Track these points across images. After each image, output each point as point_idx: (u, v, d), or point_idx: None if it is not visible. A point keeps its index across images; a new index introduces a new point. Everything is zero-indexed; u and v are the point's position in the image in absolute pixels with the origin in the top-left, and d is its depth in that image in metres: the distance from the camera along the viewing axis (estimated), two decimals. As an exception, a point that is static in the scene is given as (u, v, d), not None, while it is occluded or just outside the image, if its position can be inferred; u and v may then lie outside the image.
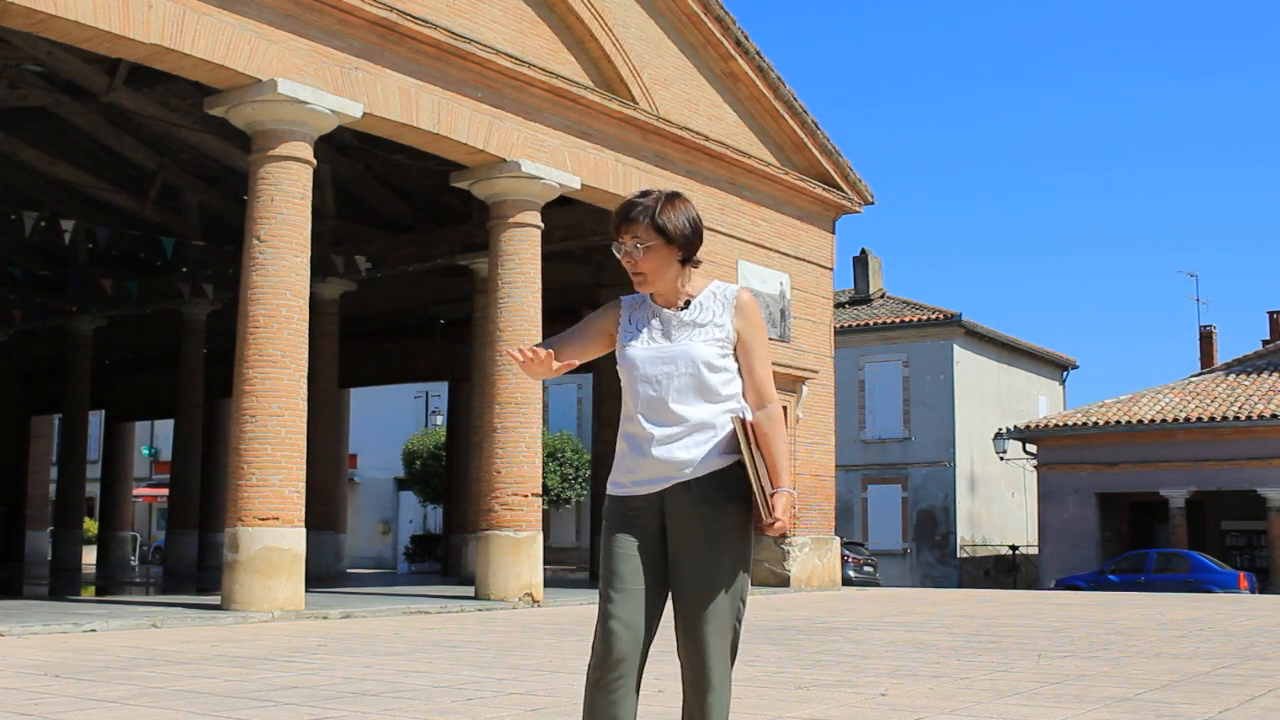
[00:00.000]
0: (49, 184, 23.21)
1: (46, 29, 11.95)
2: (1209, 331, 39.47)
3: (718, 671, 3.29)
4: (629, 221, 3.40)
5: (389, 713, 5.81)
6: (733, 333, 3.39)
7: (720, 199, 19.79)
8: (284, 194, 13.35)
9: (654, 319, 3.44)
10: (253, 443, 12.95)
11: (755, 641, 10.09)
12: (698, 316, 3.40)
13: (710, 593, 3.28)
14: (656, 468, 3.31)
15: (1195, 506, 30.42)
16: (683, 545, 3.31)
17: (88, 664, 8.01)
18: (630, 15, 18.19)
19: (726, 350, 3.38)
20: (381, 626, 11.85)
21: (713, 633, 3.28)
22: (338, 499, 24.61)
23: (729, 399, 3.35)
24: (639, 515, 3.35)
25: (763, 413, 3.38)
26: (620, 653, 3.27)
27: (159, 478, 45.75)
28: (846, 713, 5.87)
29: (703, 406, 3.31)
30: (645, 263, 3.40)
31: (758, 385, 3.40)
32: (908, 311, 35.90)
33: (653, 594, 3.32)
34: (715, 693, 3.30)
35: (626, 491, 3.37)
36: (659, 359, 3.35)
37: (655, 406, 3.33)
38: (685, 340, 3.37)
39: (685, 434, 3.30)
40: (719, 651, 3.29)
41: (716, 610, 3.29)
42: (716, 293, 3.47)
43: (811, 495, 21.44)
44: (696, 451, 3.28)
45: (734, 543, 3.32)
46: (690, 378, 3.32)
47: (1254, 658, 8.84)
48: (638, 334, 3.43)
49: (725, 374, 3.36)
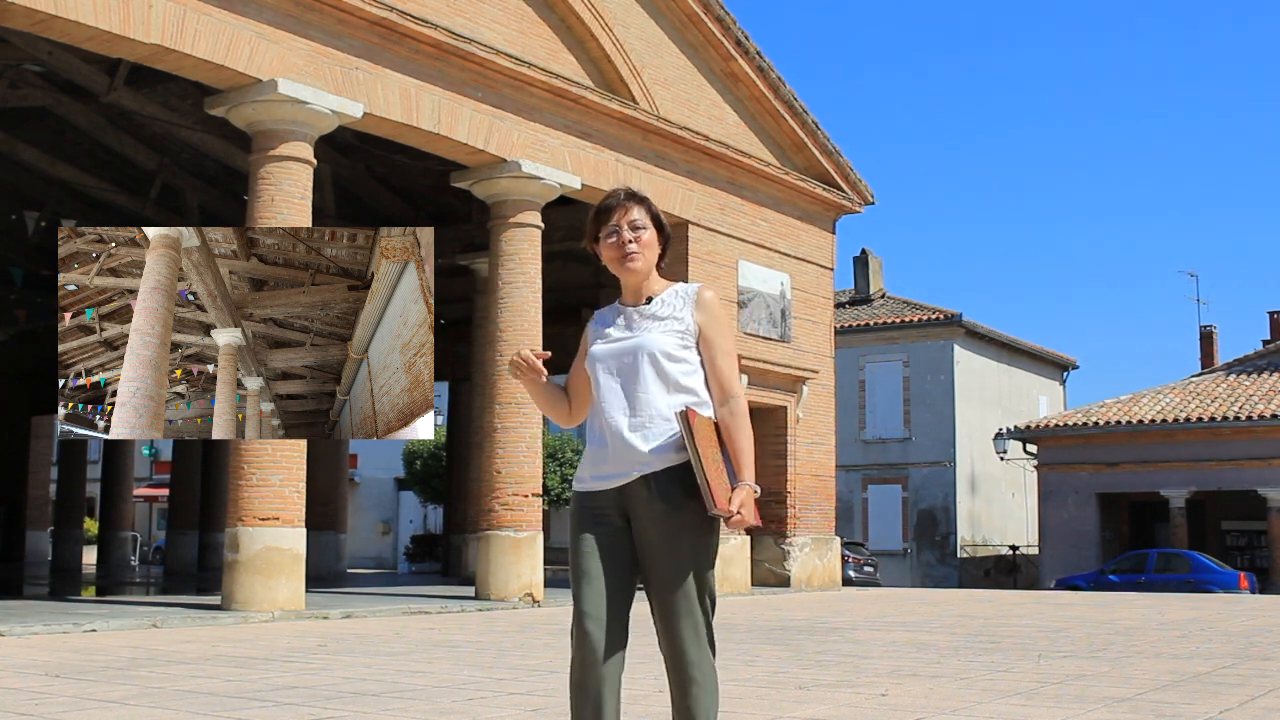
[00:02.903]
0: (49, 184, 23.21)
1: (47, 29, 11.95)
2: (1209, 331, 39.47)
3: (697, 666, 3.31)
4: (626, 206, 3.43)
5: (389, 713, 5.81)
6: (693, 325, 3.41)
7: (720, 199, 19.78)
8: (284, 194, 13.35)
9: (619, 317, 3.49)
10: (253, 442, 12.95)
11: (755, 641, 10.09)
12: (658, 310, 3.43)
13: (677, 588, 3.30)
14: (617, 460, 3.33)
15: (1195, 506, 30.41)
16: (647, 542, 3.33)
17: (88, 664, 8.01)
18: (631, 15, 18.20)
19: (688, 342, 3.39)
20: (382, 626, 11.85)
21: (685, 627, 3.30)
22: (338, 499, 24.60)
23: (689, 391, 3.36)
24: (603, 511, 3.37)
25: (725, 408, 3.38)
26: (598, 653, 3.29)
27: (159, 478, 45.76)
28: (846, 713, 5.87)
29: (663, 397, 3.33)
30: (643, 240, 3.42)
31: (721, 379, 3.40)
32: (908, 311, 35.90)
33: (624, 590, 3.35)
34: (697, 685, 3.31)
35: (589, 487, 3.40)
36: (620, 351, 3.39)
37: (616, 397, 3.36)
38: (645, 332, 3.40)
39: (644, 424, 3.32)
40: (695, 645, 3.30)
41: (686, 605, 3.30)
42: (679, 291, 3.50)
43: (811, 495, 21.44)
44: (656, 444, 3.30)
45: (695, 539, 3.32)
46: (650, 367, 3.34)
47: (1254, 658, 8.83)
48: (602, 334, 3.48)
49: (685, 365, 3.37)
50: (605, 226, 3.44)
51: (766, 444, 20.83)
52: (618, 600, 3.33)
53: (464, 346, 23.73)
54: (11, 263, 25.32)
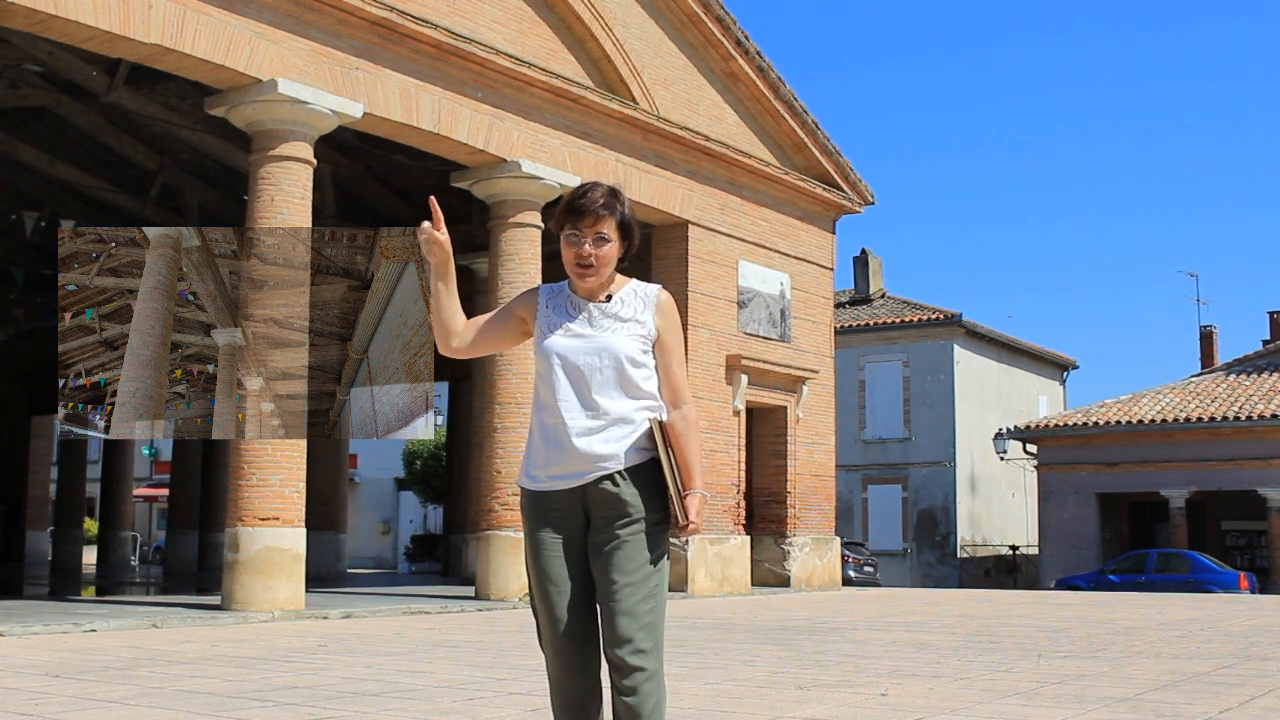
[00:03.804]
0: (49, 184, 23.21)
1: (47, 29, 11.95)
2: (1209, 331, 39.46)
3: (646, 669, 3.20)
4: (598, 215, 3.33)
5: (389, 713, 5.81)
6: (654, 330, 3.38)
7: (720, 199, 19.78)
8: (284, 194, 13.35)
9: (575, 310, 3.40)
10: (253, 442, 12.95)
11: (755, 641, 10.09)
12: (620, 311, 3.37)
13: (633, 588, 3.23)
14: (576, 461, 3.28)
15: (1195, 506, 30.41)
16: (603, 541, 3.27)
17: (88, 664, 8.01)
18: (631, 15, 18.19)
19: (647, 347, 3.37)
20: (382, 626, 11.84)
21: (638, 629, 3.21)
22: (338, 499, 24.61)
23: (648, 396, 3.34)
24: (560, 512, 3.32)
25: (678, 413, 3.37)
26: (580, 661, 3.27)
27: (159, 478, 45.75)
28: (846, 713, 5.87)
29: (623, 400, 3.30)
30: (603, 257, 3.34)
31: (674, 385, 3.40)
32: (908, 311, 35.89)
33: (587, 591, 3.30)
34: (641, 691, 3.20)
35: (543, 486, 3.33)
36: (583, 350, 3.32)
37: (577, 398, 3.30)
38: (609, 333, 3.34)
39: (605, 427, 3.28)
40: (644, 646, 3.21)
41: (639, 605, 3.23)
42: (637, 290, 3.43)
43: (811, 495, 21.43)
44: (616, 446, 3.26)
45: (655, 537, 3.28)
46: (613, 371, 3.30)
47: (1254, 658, 8.83)
48: (558, 324, 3.39)
49: (645, 370, 3.35)
50: (572, 227, 3.34)
51: (766, 444, 20.84)
52: (587, 604, 3.29)
53: (464, 346, 23.70)
54: (11, 262, 25.32)
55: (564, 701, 3.31)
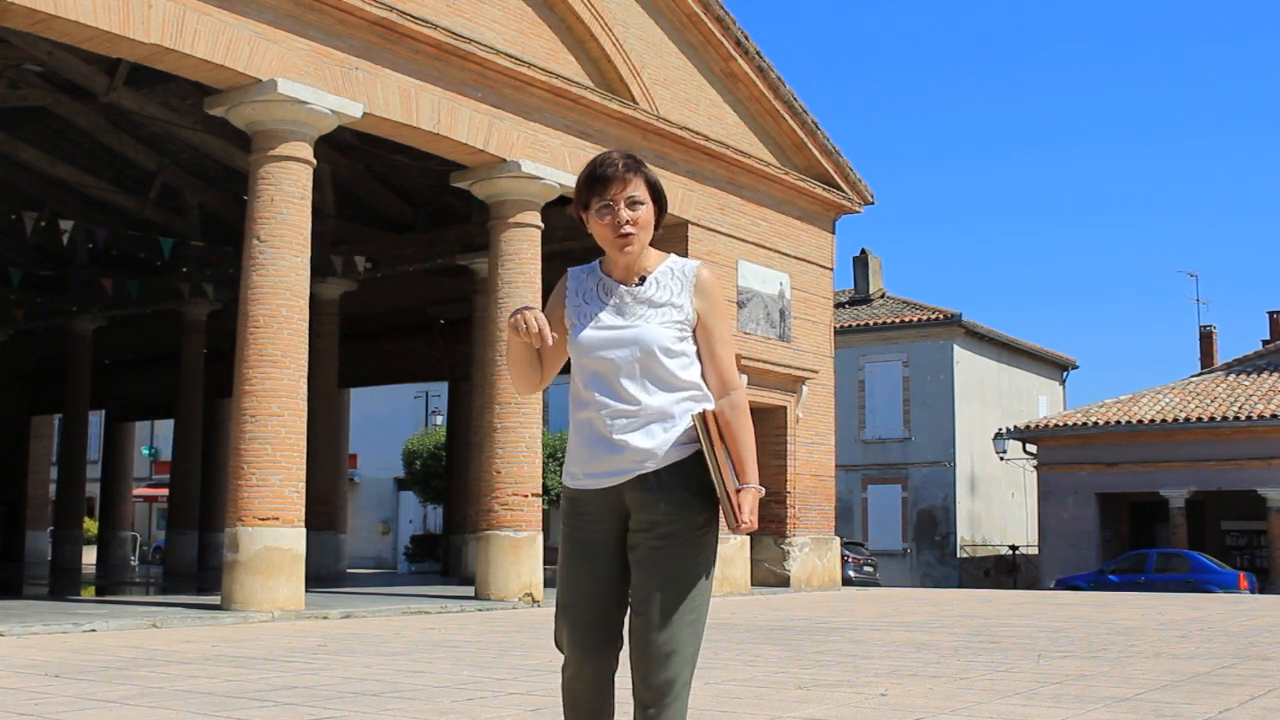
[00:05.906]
0: (49, 184, 23.21)
1: (46, 29, 11.95)
2: (1209, 331, 39.47)
3: (677, 683, 3.00)
4: (626, 179, 3.07)
5: (389, 713, 5.81)
6: (692, 314, 3.10)
7: (720, 199, 19.78)
8: (284, 194, 13.35)
9: (607, 295, 3.14)
10: (253, 443, 12.95)
11: (755, 641, 10.09)
12: (654, 294, 3.10)
13: (673, 595, 2.99)
14: (614, 459, 3.04)
15: (1195, 506, 30.41)
16: (644, 544, 3.04)
17: (88, 664, 8.01)
18: (630, 15, 18.19)
19: (685, 333, 3.09)
20: (381, 626, 11.85)
21: (674, 639, 2.99)
22: (338, 499, 24.61)
23: (688, 385, 3.08)
24: (596, 512, 3.10)
25: (726, 400, 3.10)
26: (596, 662, 3.10)
27: (159, 478, 45.75)
28: (846, 713, 5.87)
29: (660, 394, 3.05)
30: (641, 220, 3.08)
31: (720, 370, 3.11)
32: (908, 311, 35.90)
33: (619, 594, 3.11)
34: (671, 709, 2.99)
35: (581, 485, 3.11)
36: (612, 342, 3.07)
37: (609, 393, 3.05)
38: (640, 321, 3.08)
39: (643, 422, 3.03)
40: (680, 659, 2.99)
41: (680, 614, 2.99)
42: (674, 269, 3.15)
43: (811, 495, 21.44)
44: (655, 441, 3.02)
45: (698, 541, 3.04)
46: (647, 363, 3.04)
47: (1254, 658, 8.83)
48: (589, 314, 3.13)
49: (683, 358, 3.08)
50: (599, 198, 3.08)
51: (766, 444, 20.82)
52: (612, 605, 3.10)
53: (464, 346, 23.74)
54: (11, 262, 25.31)
55: (577, 707, 3.16)
